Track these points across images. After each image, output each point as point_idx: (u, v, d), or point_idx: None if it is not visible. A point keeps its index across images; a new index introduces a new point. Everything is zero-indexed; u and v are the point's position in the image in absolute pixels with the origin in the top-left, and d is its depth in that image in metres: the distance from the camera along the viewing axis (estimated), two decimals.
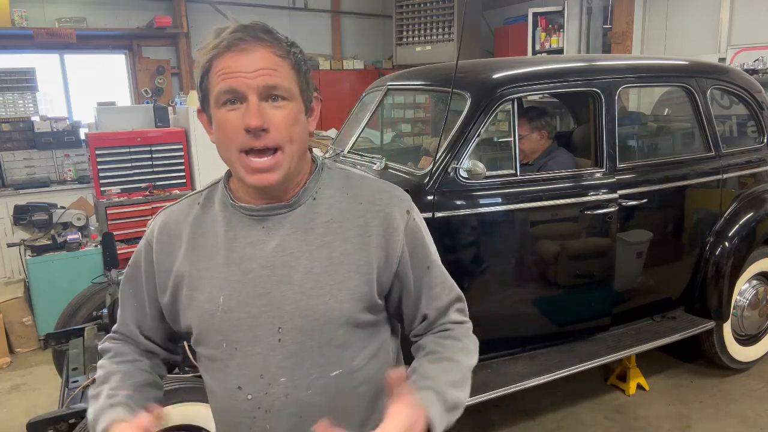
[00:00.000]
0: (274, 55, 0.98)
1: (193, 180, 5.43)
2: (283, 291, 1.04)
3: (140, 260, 1.15)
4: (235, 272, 1.06)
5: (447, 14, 6.72)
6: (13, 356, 4.07)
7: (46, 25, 5.80)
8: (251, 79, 0.96)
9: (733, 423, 2.96)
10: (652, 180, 2.91)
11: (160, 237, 1.12)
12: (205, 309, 1.06)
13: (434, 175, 2.48)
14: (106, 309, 2.99)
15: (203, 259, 1.08)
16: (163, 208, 1.18)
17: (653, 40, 6.08)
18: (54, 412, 2.25)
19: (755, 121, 3.41)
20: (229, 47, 0.97)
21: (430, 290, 1.14)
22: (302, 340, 1.04)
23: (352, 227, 1.07)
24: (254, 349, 1.05)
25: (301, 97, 1.02)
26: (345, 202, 1.09)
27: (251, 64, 0.96)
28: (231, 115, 0.97)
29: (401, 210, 1.11)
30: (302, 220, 1.07)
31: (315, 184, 1.09)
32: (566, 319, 2.88)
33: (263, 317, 1.04)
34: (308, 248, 1.05)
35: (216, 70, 0.98)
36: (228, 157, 1.02)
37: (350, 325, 1.07)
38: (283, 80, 0.98)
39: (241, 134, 0.97)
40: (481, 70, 2.88)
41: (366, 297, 1.07)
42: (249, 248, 1.06)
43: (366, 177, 1.16)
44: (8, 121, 5.42)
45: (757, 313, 3.37)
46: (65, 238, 4.40)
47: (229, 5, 6.80)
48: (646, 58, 4.16)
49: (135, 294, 1.17)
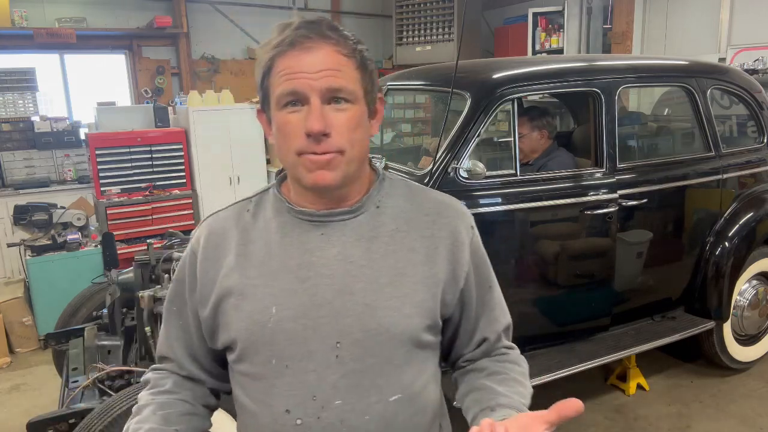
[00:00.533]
0: (340, 54, 0.93)
1: (193, 180, 5.44)
2: (343, 301, 0.96)
3: (184, 273, 1.07)
4: (290, 280, 0.98)
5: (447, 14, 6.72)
6: (13, 356, 4.07)
7: (46, 25, 5.80)
8: (314, 80, 0.91)
9: (733, 423, 2.96)
10: (652, 180, 2.91)
11: (207, 244, 1.05)
12: (255, 320, 0.97)
13: (434, 175, 2.48)
14: (106, 309, 2.99)
15: (254, 267, 1.00)
16: (210, 214, 1.11)
17: (653, 40, 6.08)
18: (54, 412, 2.25)
19: (755, 121, 3.41)
20: (293, 45, 0.92)
21: (490, 312, 1.09)
22: (362, 357, 0.96)
23: (419, 237, 1.02)
24: (308, 366, 0.96)
25: (365, 98, 0.97)
26: (410, 212, 1.04)
27: (315, 64, 0.91)
28: (292, 117, 0.93)
29: (466, 225, 1.07)
30: (366, 227, 1.00)
31: (378, 193, 1.04)
32: (566, 319, 2.88)
33: (320, 330, 0.96)
34: (372, 257, 0.99)
35: (278, 69, 0.93)
36: (286, 159, 0.97)
37: (412, 343, 0.99)
38: (348, 82, 0.93)
39: (301, 138, 0.92)
40: (481, 70, 2.88)
41: (431, 313, 1.00)
42: (307, 255, 0.98)
43: (427, 188, 1.12)
44: (8, 121, 5.42)
45: (757, 313, 3.37)
46: (65, 238, 4.40)
47: (229, 5, 6.80)
48: (646, 58, 4.16)
49: (180, 311, 1.08)
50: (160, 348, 1.12)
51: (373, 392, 0.97)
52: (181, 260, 1.09)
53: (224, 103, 5.61)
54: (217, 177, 5.53)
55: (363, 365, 0.96)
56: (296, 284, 0.97)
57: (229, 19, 6.84)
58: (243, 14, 6.91)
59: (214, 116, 5.47)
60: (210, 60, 6.87)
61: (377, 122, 1.03)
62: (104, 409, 2.06)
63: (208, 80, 6.89)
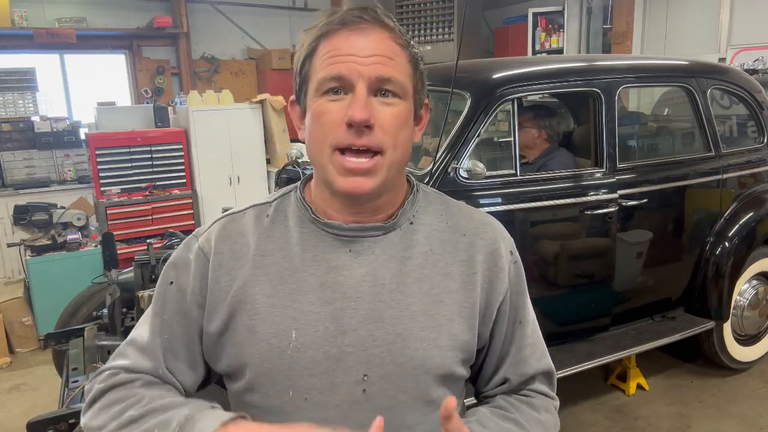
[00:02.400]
0: (394, 42, 0.83)
1: (193, 180, 5.44)
2: (371, 329, 0.86)
3: (188, 277, 0.91)
4: (312, 301, 0.87)
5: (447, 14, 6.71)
6: (13, 356, 4.07)
7: (46, 25, 5.80)
8: (364, 65, 0.80)
9: (733, 423, 2.96)
10: (652, 180, 2.91)
11: (220, 248, 0.91)
12: (272, 345, 0.86)
13: (434, 175, 2.48)
14: (106, 309, 2.99)
15: (272, 283, 0.88)
16: (223, 215, 0.96)
17: (653, 40, 6.08)
18: (54, 412, 2.25)
19: (755, 121, 3.41)
20: (344, 24, 0.82)
21: (518, 351, 0.97)
22: (393, 393, 0.86)
23: (455, 262, 0.91)
24: (330, 401, 0.85)
25: (414, 98, 0.87)
26: (445, 232, 0.93)
27: (367, 48, 0.81)
28: (332, 105, 0.81)
29: (506, 248, 0.96)
30: (398, 246, 0.89)
31: (412, 207, 0.93)
32: (566, 319, 2.88)
33: (345, 360, 0.85)
34: (404, 281, 0.88)
35: (323, 51, 0.82)
36: (319, 154, 0.84)
37: (446, 378, 0.90)
38: (399, 73, 0.83)
39: (340, 128, 0.81)
40: (481, 70, 2.88)
41: (467, 346, 0.91)
42: (332, 273, 0.87)
43: (465, 205, 1.00)
44: (8, 121, 5.42)
45: (757, 313, 3.37)
46: (65, 238, 4.40)
47: (229, 5, 6.80)
48: (646, 58, 4.16)
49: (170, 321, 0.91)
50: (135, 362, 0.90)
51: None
52: (180, 260, 0.93)
53: (224, 103, 5.61)
54: (217, 177, 5.53)
55: (393, 402, 0.86)
56: (319, 306, 0.86)
57: (229, 19, 6.84)
58: (243, 14, 6.91)
59: (214, 116, 5.47)
60: (210, 60, 6.87)
61: (420, 130, 0.93)
62: None
63: (208, 80, 6.89)
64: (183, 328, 0.91)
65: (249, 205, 0.96)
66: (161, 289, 0.94)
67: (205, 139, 5.44)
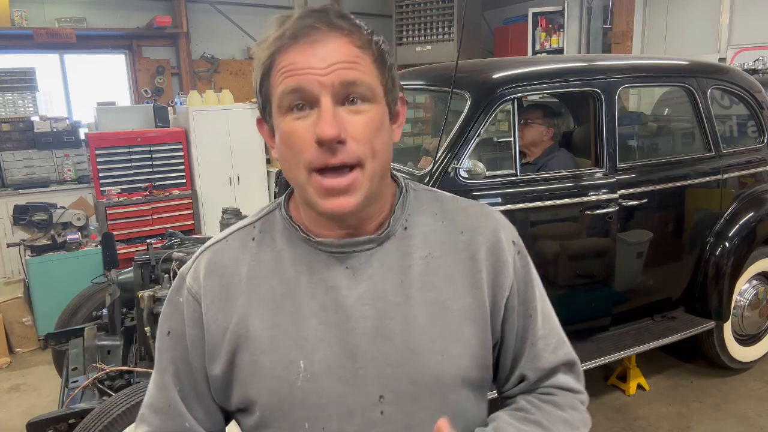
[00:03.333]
0: (353, 46, 0.76)
1: (193, 180, 5.44)
2: (381, 348, 0.82)
3: (181, 324, 0.87)
4: (315, 327, 0.82)
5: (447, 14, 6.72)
6: (13, 356, 4.07)
7: (46, 25, 5.80)
8: (324, 75, 0.74)
9: (733, 423, 2.96)
10: (652, 180, 2.91)
11: (209, 286, 0.86)
12: (280, 378, 0.82)
13: (434, 175, 2.48)
14: (106, 309, 2.99)
15: (270, 311, 0.84)
16: (205, 247, 0.91)
17: (653, 40, 6.08)
18: (54, 412, 2.25)
19: (755, 121, 3.41)
20: (296, 37, 0.75)
21: (532, 346, 0.93)
22: (411, 411, 0.82)
23: (457, 263, 0.87)
24: (348, 428, 0.82)
25: (386, 98, 0.81)
26: (442, 233, 0.89)
27: (324, 58, 0.75)
28: (298, 124, 0.76)
29: (508, 239, 0.91)
30: (395, 256, 0.85)
31: (404, 211, 0.88)
32: (566, 319, 2.86)
33: (359, 384, 0.81)
34: (407, 292, 0.84)
35: (279, 67, 0.77)
36: (295, 177, 0.80)
37: (464, 386, 0.86)
38: (365, 76, 0.77)
39: (311, 148, 0.76)
40: (481, 70, 2.88)
41: (482, 349, 0.87)
42: (331, 294, 0.83)
43: (460, 198, 0.95)
44: (8, 121, 5.42)
45: (757, 313, 3.37)
46: (65, 238, 4.40)
47: (229, 5, 6.79)
48: (646, 58, 4.16)
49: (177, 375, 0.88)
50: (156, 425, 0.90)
51: None
52: (171, 308, 0.89)
53: (224, 103, 5.61)
54: (217, 177, 5.53)
55: (413, 420, 0.82)
56: (324, 331, 0.82)
57: (229, 19, 6.83)
58: (243, 14, 6.90)
59: (214, 116, 5.47)
60: (210, 60, 6.87)
61: (399, 127, 0.87)
62: (104, 409, 2.06)
63: (208, 80, 6.88)
64: (189, 378, 0.88)
65: (230, 231, 0.91)
66: (160, 343, 0.91)
67: (205, 139, 5.44)
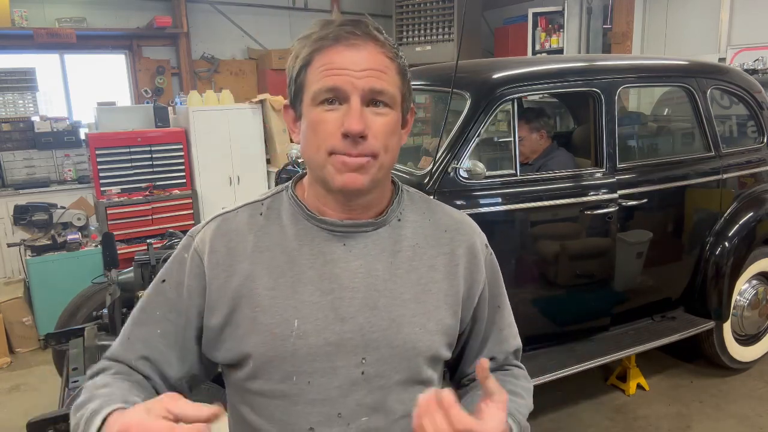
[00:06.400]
0: (384, 56, 0.90)
1: (193, 180, 5.44)
2: (368, 316, 0.94)
3: (182, 276, 0.97)
4: (312, 292, 0.93)
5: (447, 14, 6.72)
6: (13, 356, 4.07)
7: (46, 25, 5.80)
8: (358, 78, 0.87)
9: (733, 423, 2.96)
10: (652, 180, 2.91)
11: (215, 247, 0.96)
12: (276, 334, 0.92)
13: (434, 175, 2.48)
14: (106, 309, 2.99)
15: (271, 276, 0.94)
16: (216, 214, 1.02)
17: (653, 40, 6.08)
18: (54, 412, 2.25)
19: (755, 121, 3.41)
20: (338, 40, 0.88)
21: (499, 331, 1.09)
22: (389, 373, 0.94)
23: (439, 255, 1.01)
24: (332, 383, 0.93)
25: (402, 106, 0.95)
26: (429, 228, 1.03)
27: (360, 62, 0.87)
28: (328, 115, 0.88)
29: (481, 242, 1.07)
30: (388, 241, 0.98)
31: (399, 206, 1.02)
32: (566, 319, 2.88)
33: (345, 345, 0.93)
34: (395, 272, 0.97)
35: (319, 63, 0.89)
36: (315, 158, 0.91)
37: (434, 360, 1.00)
38: (390, 85, 0.90)
39: (336, 137, 0.88)
40: (481, 70, 2.88)
41: (451, 330, 1.01)
42: (329, 266, 0.95)
43: (444, 204, 1.10)
44: (8, 121, 5.42)
45: (757, 313, 3.37)
46: (65, 238, 4.40)
47: (229, 5, 6.79)
48: (646, 58, 4.16)
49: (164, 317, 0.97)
50: (114, 350, 0.98)
51: (399, 408, 0.96)
52: (175, 261, 0.99)
53: (224, 103, 5.61)
54: (217, 177, 5.53)
55: (388, 382, 0.95)
56: (319, 297, 0.93)
57: (229, 19, 6.83)
58: (243, 14, 6.90)
59: (214, 116, 5.47)
60: (210, 60, 6.87)
61: (406, 133, 1.00)
62: None
63: (208, 80, 6.89)
64: (173, 323, 0.97)
65: (241, 204, 1.02)
66: (153, 287, 1.00)
67: (205, 139, 5.44)
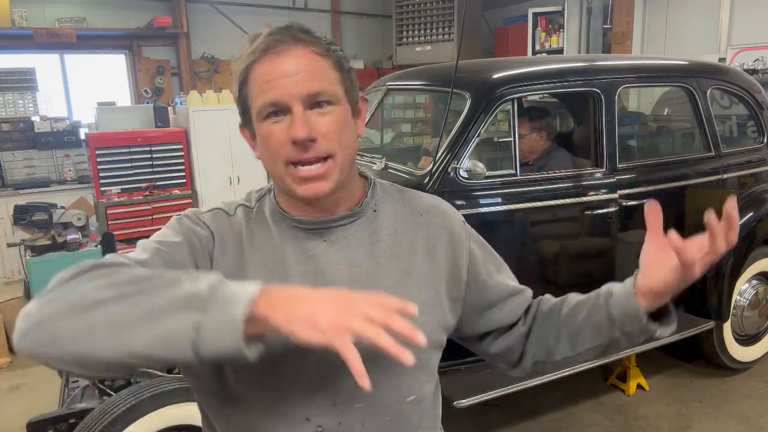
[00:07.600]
0: (315, 54, 0.92)
1: (193, 180, 5.44)
2: None
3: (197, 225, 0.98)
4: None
5: (447, 14, 6.72)
6: (13, 356, 4.07)
7: (46, 25, 5.80)
8: (293, 86, 0.90)
9: (733, 423, 2.96)
10: (653, 180, 2.91)
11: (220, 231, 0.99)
12: None
13: (434, 175, 2.48)
14: None
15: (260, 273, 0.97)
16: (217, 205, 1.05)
17: (653, 40, 6.08)
18: (54, 412, 2.25)
19: (755, 121, 3.41)
20: (267, 51, 0.92)
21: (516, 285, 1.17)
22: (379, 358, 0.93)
23: (418, 238, 1.04)
24: (325, 372, 0.95)
25: (347, 98, 0.96)
26: (405, 214, 1.06)
27: (291, 68, 0.90)
28: (275, 127, 0.91)
29: (458, 221, 1.12)
30: (366, 232, 1.01)
31: (373, 198, 1.05)
32: None
33: None
34: (377, 261, 1.00)
35: (255, 78, 0.93)
36: (275, 171, 0.95)
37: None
38: (326, 83, 0.92)
39: (287, 147, 0.91)
40: (481, 70, 2.88)
41: (438, 310, 1.03)
42: (312, 262, 0.98)
43: (416, 191, 1.14)
44: (8, 121, 5.42)
45: (757, 313, 3.37)
46: (65, 238, 4.40)
47: (229, 5, 6.80)
48: (646, 58, 4.16)
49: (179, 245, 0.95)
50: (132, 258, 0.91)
51: (392, 393, 0.98)
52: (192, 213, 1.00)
53: (224, 103, 5.61)
54: (217, 177, 5.53)
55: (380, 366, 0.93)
56: None
57: (229, 19, 6.83)
58: (243, 14, 6.90)
59: (214, 116, 5.47)
60: (210, 60, 6.87)
61: (362, 122, 1.02)
62: (104, 409, 2.06)
63: (208, 80, 6.89)
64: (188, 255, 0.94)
65: (237, 203, 1.05)
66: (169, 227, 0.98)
67: (205, 139, 5.44)
